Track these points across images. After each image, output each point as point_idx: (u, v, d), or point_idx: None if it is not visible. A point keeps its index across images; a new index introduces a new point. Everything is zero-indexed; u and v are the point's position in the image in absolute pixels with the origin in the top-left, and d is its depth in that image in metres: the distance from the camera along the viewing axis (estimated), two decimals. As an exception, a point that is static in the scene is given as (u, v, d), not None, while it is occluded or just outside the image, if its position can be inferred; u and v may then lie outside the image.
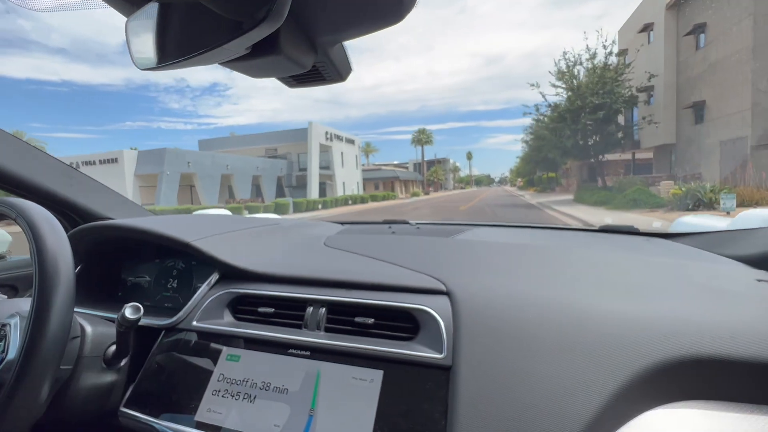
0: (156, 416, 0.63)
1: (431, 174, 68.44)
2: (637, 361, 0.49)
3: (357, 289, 0.68)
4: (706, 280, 0.68)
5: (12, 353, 0.55)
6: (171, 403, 0.64)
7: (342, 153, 33.65)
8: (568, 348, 0.52)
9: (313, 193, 28.49)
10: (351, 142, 35.91)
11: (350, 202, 29.00)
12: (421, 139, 62.69)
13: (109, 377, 0.65)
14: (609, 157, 21.09)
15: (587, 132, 18.32)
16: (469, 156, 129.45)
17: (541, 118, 20.11)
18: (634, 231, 1.19)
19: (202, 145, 33.22)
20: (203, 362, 0.67)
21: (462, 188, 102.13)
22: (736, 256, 0.86)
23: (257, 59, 0.41)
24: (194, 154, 23.65)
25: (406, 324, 0.62)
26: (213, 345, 0.68)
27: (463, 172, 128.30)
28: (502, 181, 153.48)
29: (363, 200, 31.58)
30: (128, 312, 0.60)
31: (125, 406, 0.66)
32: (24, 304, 0.64)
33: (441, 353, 0.55)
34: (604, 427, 0.47)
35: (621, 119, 18.94)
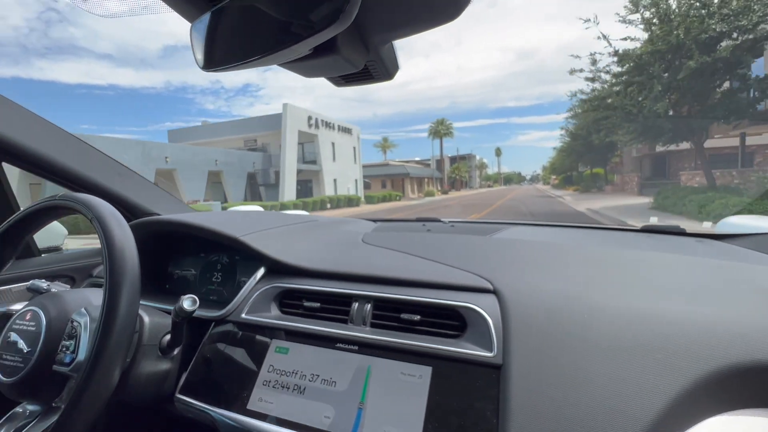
0: (209, 403, 0.65)
1: (453, 171, 61.23)
2: (701, 365, 0.48)
3: (401, 285, 0.69)
4: (766, 283, 0.65)
5: (82, 354, 0.57)
6: (223, 392, 0.66)
7: (333, 144, 27.46)
8: (625, 349, 0.51)
9: (288, 193, 22.53)
10: (347, 131, 29.60)
11: (328, 205, 22.81)
12: (439, 130, 55.04)
13: (164, 365, 0.67)
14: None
15: (689, 90, 10.48)
16: (498, 152, 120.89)
17: (599, 80, 12.80)
18: (680, 231, 1.11)
19: (172, 136, 27.97)
20: (253, 353, 0.69)
21: (489, 186, 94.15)
22: None
23: (314, 59, 0.42)
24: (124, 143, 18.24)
25: (452, 322, 0.62)
26: (261, 337, 0.70)
27: (492, 170, 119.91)
28: (534, 179, 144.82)
29: (352, 202, 25.31)
30: (186, 304, 0.62)
31: (180, 392, 0.69)
32: (91, 296, 0.67)
33: (491, 351, 0.55)
34: (664, 430, 0.46)
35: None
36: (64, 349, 0.59)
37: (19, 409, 0.61)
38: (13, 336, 0.61)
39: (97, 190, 1.02)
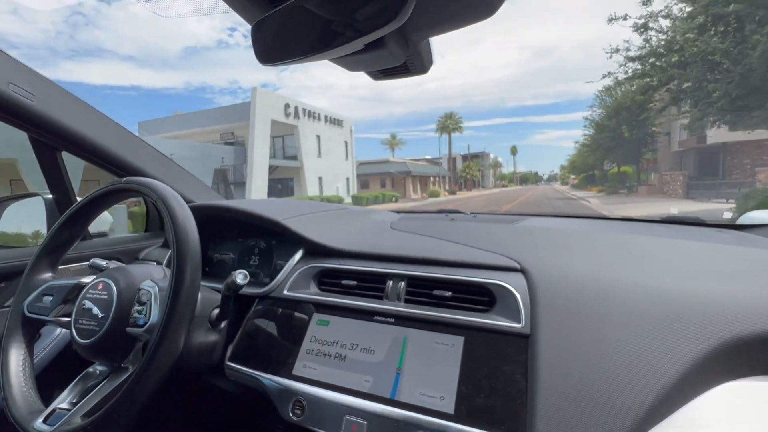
0: (257, 369, 0.72)
1: (464, 170, 57.09)
2: (715, 334, 0.52)
3: (432, 265, 0.74)
4: None
5: (155, 318, 0.63)
6: (269, 359, 0.72)
7: (319, 137, 24.04)
8: (645, 321, 0.55)
9: (257, 192, 19.18)
10: (336, 123, 26.12)
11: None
12: (447, 125, 50.45)
13: (213, 337, 0.73)
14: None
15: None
16: (514, 150, 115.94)
17: (654, 28, 8.67)
18: (701, 222, 1.15)
19: (143, 128, 24.94)
20: (295, 326, 0.75)
21: (504, 186, 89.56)
22: None
23: (363, 54, 0.45)
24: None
25: (482, 297, 0.67)
26: (303, 311, 0.76)
27: (507, 169, 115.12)
28: (551, 179, 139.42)
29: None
30: (239, 278, 0.67)
31: (230, 360, 0.76)
32: (153, 270, 0.73)
33: (519, 323, 0.60)
34: (682, 393, 0.49)
35: None
36: (136, 313, 0.64)
37: (90, 369, 0.68)
38: (88, 303, 0.67)
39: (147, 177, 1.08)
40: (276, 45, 0.46)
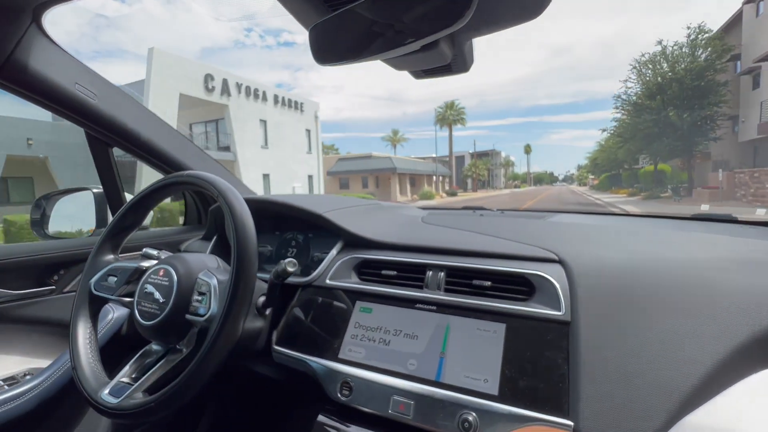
0: (304, 353, 0.74)
1: (470, 168, 50.91)
2: (752, 322, 0.54)
3: (470, 256, 0.75)
4: None
5: (214, 309, 0.65)
6: (315, 344, 0.75)
7: (264, 122, 18.51)
8: (683, 309, 0.56)
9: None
10: (293, 106, 20.49)
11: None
12: (448, 116, 42.83)
13: (259, 323, 0.75)
14: None
15: None
16: (528, 149, 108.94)
17: None
18: (732, 219, 1.12)
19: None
20: (339, 313, 0.77)
21: (516, 187, 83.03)
22: None
23: (415, 54, 0.47)
24: None
25: (521, 287, 0.68)
26: (346, 299, 0.79)
27: (519, 168, 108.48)
28: (567, 179, 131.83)
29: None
30: (289, 266, 0.69)
31: (277, 344, 0.78)
32: (207, 260, 0.75)
33: (560, 311, 0.61)
34: (723, 378, 0.51)
35: None
36: (196, 302, 0.67)
37: (147, 347, 0.71)
38: (149, 288, 0.70)
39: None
40: (333, 46, 0.49)
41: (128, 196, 1.08)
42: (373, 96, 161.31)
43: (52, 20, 0.83)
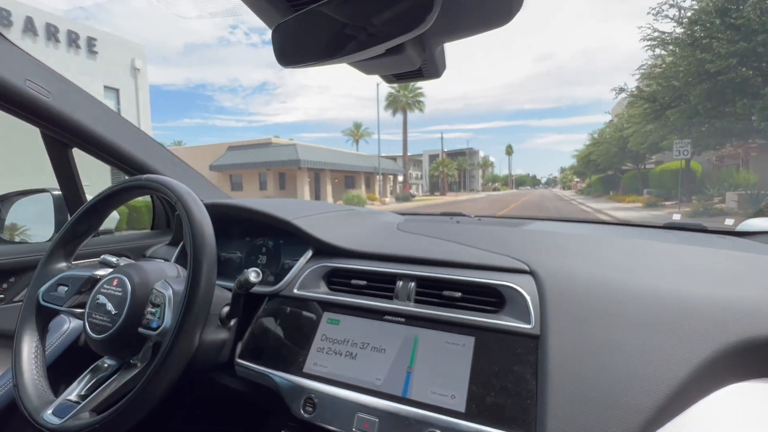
0: (268, 367, 0.71)
1: (436, 168, 43.97)
2: (723, 338, 0.53)
3: (442, 266, 0.74)
4: None
5: (168, 322, 0.62)
6: (280, 357, 0.72)
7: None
8: (652, 324, 0.56)
9: None
10: (74, 45, 11.51)
11: None
12: (402, 98, 33.77)
13: (222, 334, 0.73)
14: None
15: None
16: (509, 150, 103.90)
17: None
18: (702, 228, 1.14)
19: None
20: (305, 324, 0.74)
21: (495, 190, 76.93)
22: None
23: (382, 58, 0.46)
24: None
25: (491, 299, 0.67)
26: (313, 310, 0.76)
27: (500, 170, 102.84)
28: (550, 182, 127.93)
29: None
30: (252, 276, 0.67)
31: (240, 357, 0.75)
32: (166, 268, 0.72)
33: (529, 324, 0.60)
34: (689, 393, 0.51)
35: None
36: (149, 315, 0.64)
37: (99, 362, 0.67)
38: (102, 298, 0.67)
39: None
40: (296, 48, 0.47)
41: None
42: (358, 96, 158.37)
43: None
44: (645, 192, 17.19)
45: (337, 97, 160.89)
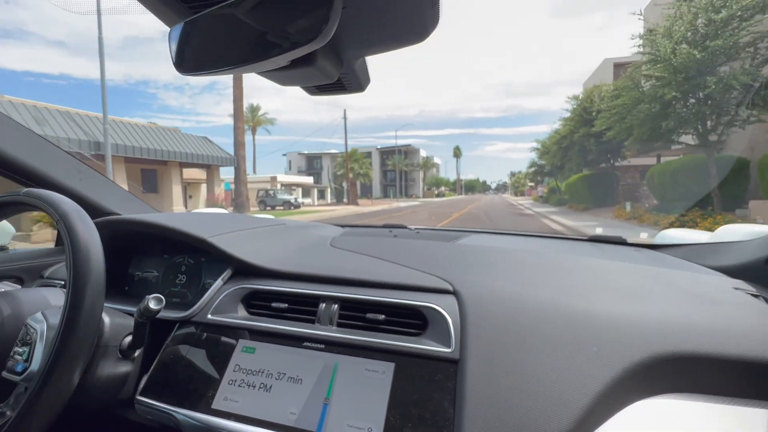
0: (172, 404, 0.64)
1: (339, 167, 31.83)
2: (629, 356, 0.54)
3: (367, 287, 0.71)
4: (690, 287, 0.71)
5: (36, 364, 0.55)
6: (187, 392, 0.65)
7: None
8: (566, 343, 0.56)
9: None
10: None
11: None
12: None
13: (124, 367, 0.66)
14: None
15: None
16: (457, 153, 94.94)
17: None
18: (622, 241, 1.19)
19: None
20: (218, 354, 0.68)
21: (437, 195, 66.26)
22: (715, 266, 0.89)
23: (291, 70, 0.44)
24: None
25: (415, 321, 0.65)
26: (228, 337, 0.70)
27: (446, 174, 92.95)
28: (500, 188, 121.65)
29: None
30: (152, 303, 0.61)
31: (141, 394, 0.67)
32: (50, 296, 0.66)
33: (449, 347, 0.59)
34: (598, 413, 0.51)
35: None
36: (16, 356, 0.57)
37: None
38: None
39: (58, 188, 0.97)
40: (192, 54, 0.43)
41: None
42: (315, 100, 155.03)
43: None
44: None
45: (291, 99, 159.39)
